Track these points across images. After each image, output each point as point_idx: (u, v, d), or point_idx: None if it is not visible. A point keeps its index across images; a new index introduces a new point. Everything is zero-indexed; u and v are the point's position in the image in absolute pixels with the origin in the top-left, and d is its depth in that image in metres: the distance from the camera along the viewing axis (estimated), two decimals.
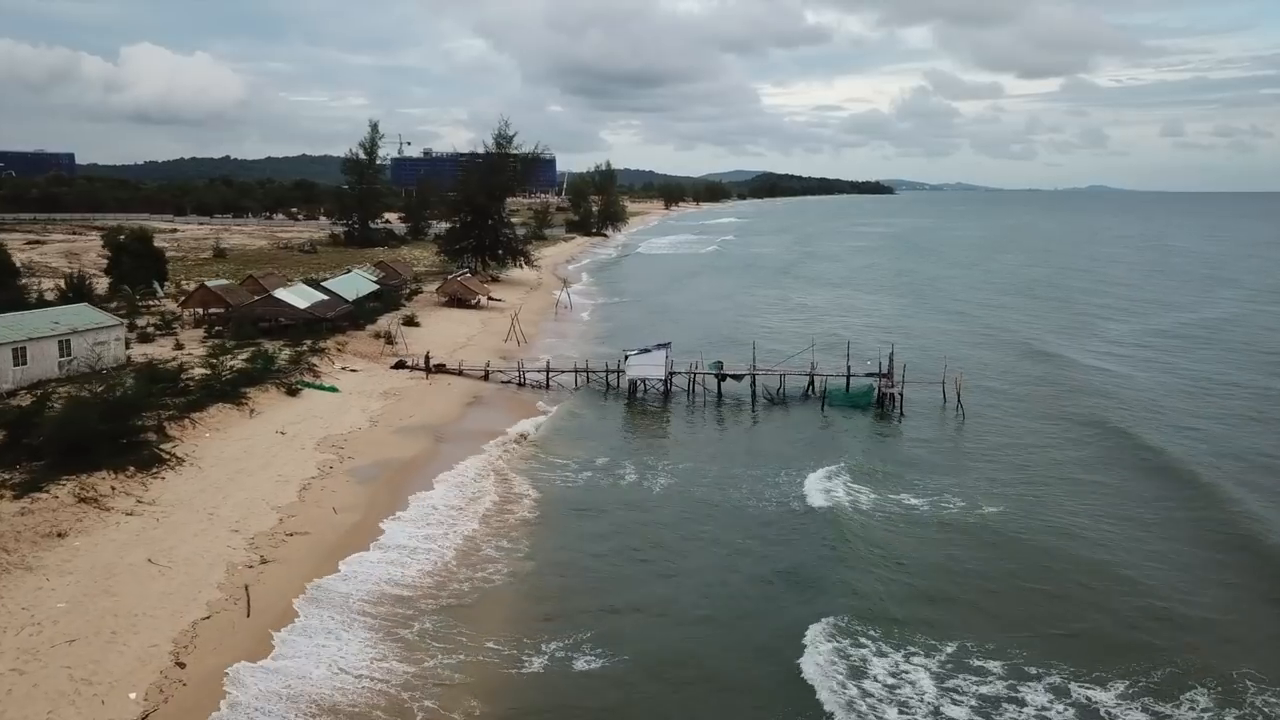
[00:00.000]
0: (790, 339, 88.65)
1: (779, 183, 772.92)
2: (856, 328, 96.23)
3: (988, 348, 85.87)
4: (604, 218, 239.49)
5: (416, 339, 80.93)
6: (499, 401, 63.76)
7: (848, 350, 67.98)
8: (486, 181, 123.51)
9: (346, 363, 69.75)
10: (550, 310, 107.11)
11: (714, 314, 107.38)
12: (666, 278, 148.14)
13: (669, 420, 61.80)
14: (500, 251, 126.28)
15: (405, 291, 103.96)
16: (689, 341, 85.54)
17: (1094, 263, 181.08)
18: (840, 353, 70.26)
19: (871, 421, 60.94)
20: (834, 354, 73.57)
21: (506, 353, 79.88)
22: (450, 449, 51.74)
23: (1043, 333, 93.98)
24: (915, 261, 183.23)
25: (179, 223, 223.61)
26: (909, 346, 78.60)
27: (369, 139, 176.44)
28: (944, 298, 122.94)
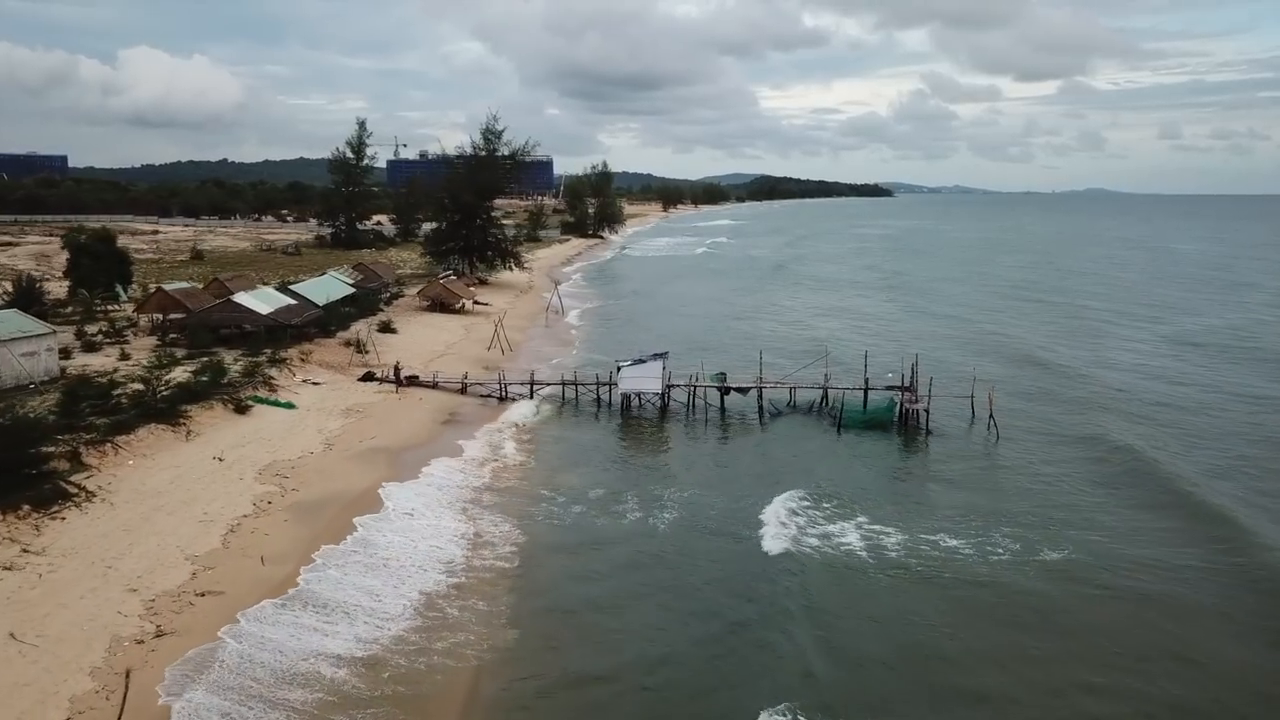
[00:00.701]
0: (792, 345, 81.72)
1: (777, 185, 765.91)
2: (858, 334, 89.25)
3: (999, 358, 78.60)
4: (601, 219, 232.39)
5: (392, 347, 73.86)
6: (476, 419, 56.57)
7: (865, 361, 60.77)
8: (474, 179, 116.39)
9: (309, 374, 62.60)
10: (540, 315, 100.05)
11: (712, 318, 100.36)
12: (662, 280, 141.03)
13: (668, 441, 54.63)
14: (489, 253, 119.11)
15: (385, 295, 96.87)
16: (687, 349, 78.58)
17: (1098, 265, 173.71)
18: (848, 363, 63.31)
19: (894, 444, 53.81)
20: (842, 363, 66.63)
21: (489, 362, 72.77)
22: (414, 478, 44.58)
23: (1052, 341, 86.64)
24: (915, 264, 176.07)
25: (164, 224, 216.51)
26: (912, 355, 71.61)
27: (356, 137, 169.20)
28: (947, 302, 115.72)
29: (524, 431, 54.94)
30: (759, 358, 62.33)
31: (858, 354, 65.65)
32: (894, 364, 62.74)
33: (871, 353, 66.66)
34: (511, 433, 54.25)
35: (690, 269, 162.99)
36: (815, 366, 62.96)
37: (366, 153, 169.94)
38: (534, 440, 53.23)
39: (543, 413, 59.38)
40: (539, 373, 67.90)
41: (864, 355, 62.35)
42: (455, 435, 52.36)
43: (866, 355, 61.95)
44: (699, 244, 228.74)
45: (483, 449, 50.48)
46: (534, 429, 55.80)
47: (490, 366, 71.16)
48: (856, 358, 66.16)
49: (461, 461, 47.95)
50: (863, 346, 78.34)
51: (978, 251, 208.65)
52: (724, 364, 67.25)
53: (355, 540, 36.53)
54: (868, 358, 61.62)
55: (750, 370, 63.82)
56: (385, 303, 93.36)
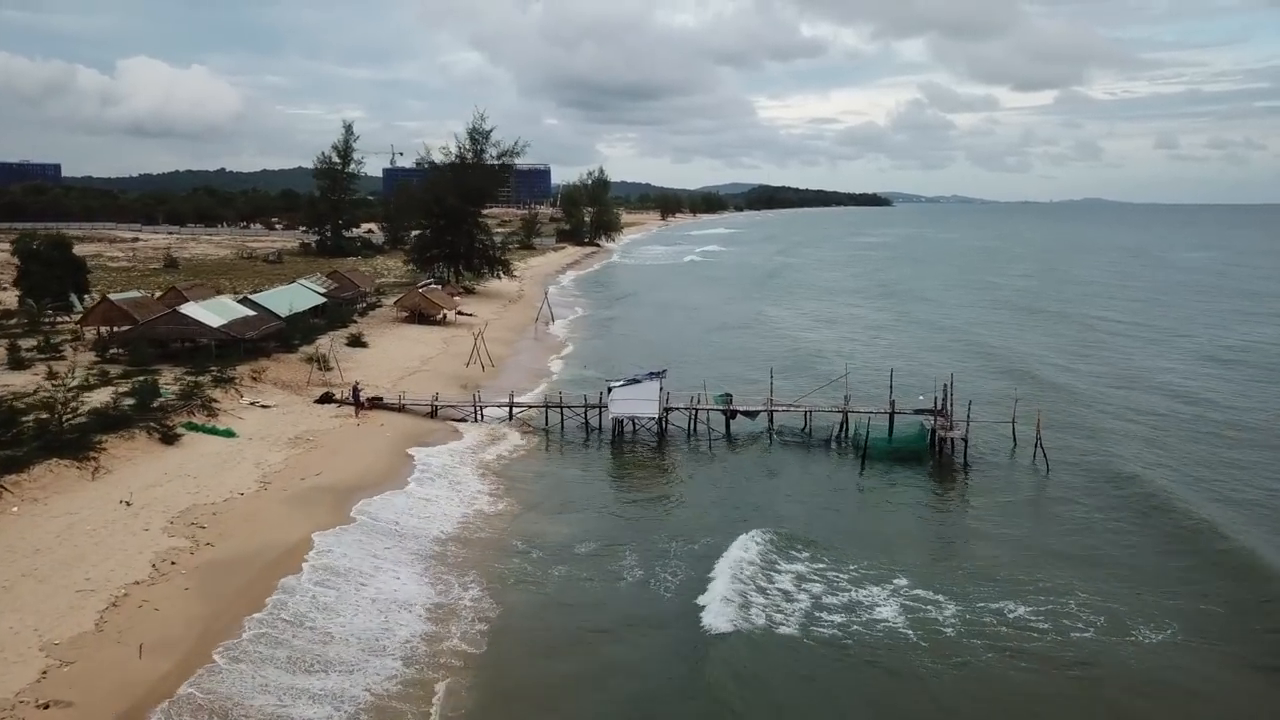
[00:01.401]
0: (799, 361, 74.03)
1: (776, 195, 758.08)
2: (863, 347, 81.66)
3: (1014, 377, 70.78)
4: (597, 227, 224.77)
5: (359, 364, 66.21)
6: (444, 449, 48.74)
7: (891, 381, 52.99)
8: (460, 182, 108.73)
9: (260, 395, 54.83)
10: (529, 326, 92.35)
11: (710, 329, 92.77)
12: (658, 289, 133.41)
13: (668, 476, 46.77)
14: (476, 261, 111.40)
15: (361, 306, 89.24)
16: (684, 363, 70.98)
17: (1104, 275, 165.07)
18: (862, 381, 55.68)
19: (928, 479, 46.03)
20: (857, 382, 59.02)
21: (468, 380, 65.06)
22: (362, 526, 36.83)
23: (1072, 359, 78.59)
24: (917, 273, 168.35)
25: (147, 232, 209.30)
26: (936, 371, 64.02)
27: (343, 141, 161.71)
28: (951, 315, 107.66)
29: (500, 464, 47.16)
30: (769, 377, 54.65)
31: (868, 371, 58.18)
32: (907, 382, 55.29)
33: (879, 368, 59.31)
34: (485, 466, 46.47)
35: (687, 277, 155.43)
36: (834, 387, 55.28)
37: (354, 157, 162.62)
38: (511, 476, 45.42)
39: (523, 440, 51.66)
40: (522, 392, 60.30)
41: (889, 374, 54.64)
42: (418, 470, 44.48)
43: (892, 375, 54.18)
44: (696, 252, 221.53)
45: (449, 488, 42.70)
46: (511, 461, 48.04)
47: (469, 385, 63.50)
48: (869, 375, 58.79)
49: (423, 503, 40.19)
50: (871, 362, 71.09)
51: (979, 260, 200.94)
52: (727, 380, 59.72)
53: (275, 617, 28.73)
54: (893, 377, 53.84)
55: (758, 390, 56.25)
56: (360, 313, 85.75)
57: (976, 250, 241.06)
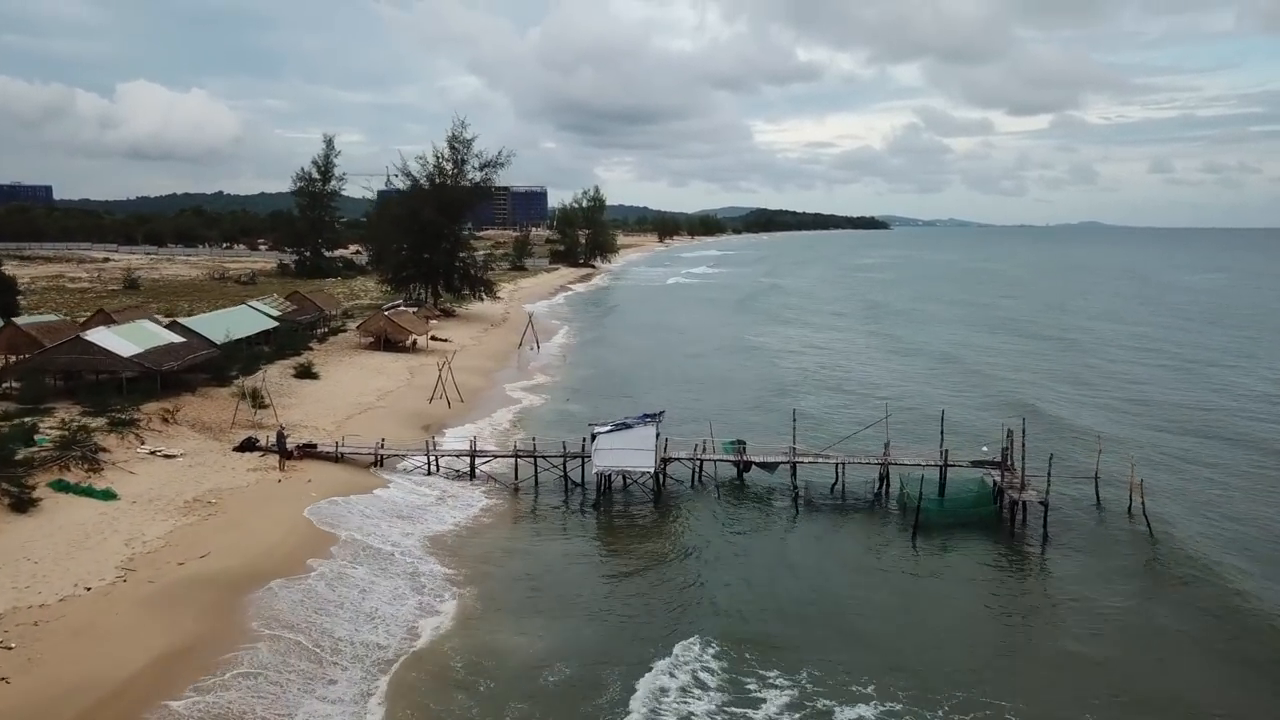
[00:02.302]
0: (820, 392, 63.88)
1: (774, 218, 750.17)
2: (877, 374, 71.42)
3: (1042, 421, 60.73)
4: (592, 248, 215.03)
5: (305, 398, 55.96)
6: (382, 515, 38.24)
7: (941, 425, 42.67)
8: (438, 194, 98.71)
9: (168, 441, 44.41)
10: (511, 353, 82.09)
11: (713, 356, 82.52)
12: (654, 311, 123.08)
13: (668, 552, 36.12)
14: (456, 281, 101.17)
15: (322, 330, 78.95)
16: (685, 396, 60.74)
17: (1115, 300, 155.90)
18: (894, 418, 45.44)
19: (1002, 556, 35.56)
20: (882, 415, 48.72)
21: (430, 419, 54.73)
22: (247, 647, 26.34)
23: (1125, 401, 68.80)
24: (926, 292, 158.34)
25: (123, 252, 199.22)
26: (1004, 411, 53.85)
27: (323, 156, 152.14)
28: (967, 344, 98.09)
29: (452, 537, 36.65)
30: (792, 419, 44.22)
31: (865, 403, 47.89)
32: (982, 427, 45.04)
33: (894, 406, 49.02)
34: (433, 541, 35.95)
35: (686, 299, 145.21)
36: (869, 430, 44.97)
37: (335, 174, 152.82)
38: (464, 554, 34.86)
39: (486, 500, 41.20)
40: (493, 432, 50.08)
41: (921, 413, 44.45)
42: (343, 548, 33.95)
43: (943, 416, 43.80)
44: (693, 273, 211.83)
45: (381, 576, 32.19)
46: (468, 531, 37.53)
47: (432, 425, 53.23)
48: (891, 409, 48.60)
49: (341, 604, 29.69)
50: (889, 392, 60.79)
51: (983, 285, 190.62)
52: (733, 423, 49.50)
53: None
54: (944, 420, 43.44)
55: (775, 433, 45.93)
56: (320, 339, 75.43)
57: (981, 274, 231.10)
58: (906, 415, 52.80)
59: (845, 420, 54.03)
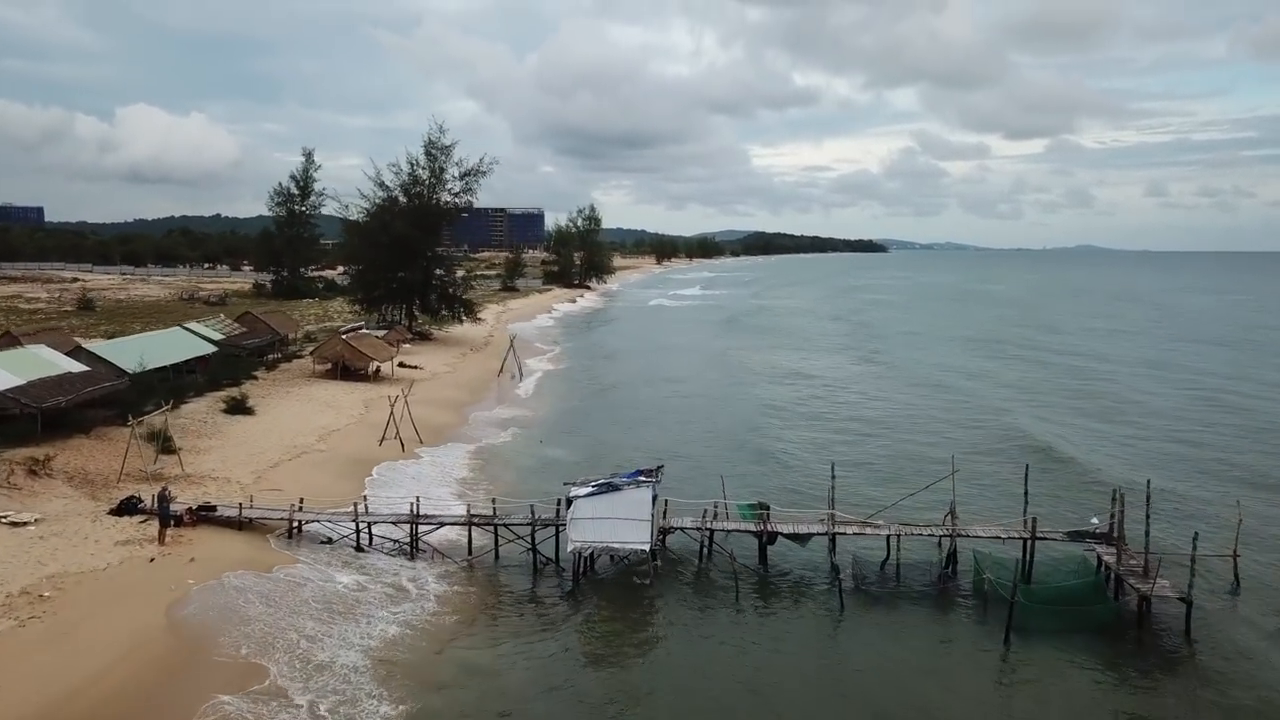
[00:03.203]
0: (825, 422, 53.99)
1: (772, 241, 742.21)
2: (880, 412, 61.48)
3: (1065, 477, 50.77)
4: (588, 268, 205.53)
5: (230, 438, 45.94)
6: (284, 612, 28.00)
7: (1025, 481, 32.65)
8: (414, 206, 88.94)
9: (27, 501, 34.32)
10: (490, 380, 72.05)
11: (716, 385, 72.53)
12: (651, 335, 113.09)
13: (675, 666, 25.93)
14: (434, 300, 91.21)
15: (274, 356, 68.95)
16: (688, 438, 50.75)
17: (1127, 323, 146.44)
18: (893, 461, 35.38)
19: (1128, 675, 25.30)
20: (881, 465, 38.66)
21: (377, 465, 44.65)
22: None
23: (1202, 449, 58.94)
24: (935, 317, 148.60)
25: (98, 272, 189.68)
26: (1107, 471, 43.99)
27: (302, 171, 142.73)
28: (981, 377, 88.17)
29: (382, 643, 26.38)
30: (829, 475, 34.05)
31: (953, 455, 38.03)
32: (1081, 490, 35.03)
33: (901, 449, 39.12)
34: (357, 654, 25.68)
35: (685, 322, 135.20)
36: (930, 489, 34.91)
37: (315, 189, 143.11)
38: (396, 686, 24.60)
39: (432, 583, 30.99)
40: (451, 488, 40.10)
41: (1024, 472, 34.35)
42: (212, 673, 23.76)
43: (1027, 472, 33.70)
44: (692, 295, 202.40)
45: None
46: (401, 633, 27.29)
47: (379, 472, 43.19)
48: (899, 454, 38.97)
49: None
50: (896, 432, 50.74)
51: (987, 309, 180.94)
52: (745, 457, 39.58)
53: None
54: (1028, 481, 33.33)
55: (804, 493, 35.92)
56: (269, 366, 65.40)
57: (983, 297, 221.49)
58: (926, 467, 42.79)
59: (863, 470, 44.13)
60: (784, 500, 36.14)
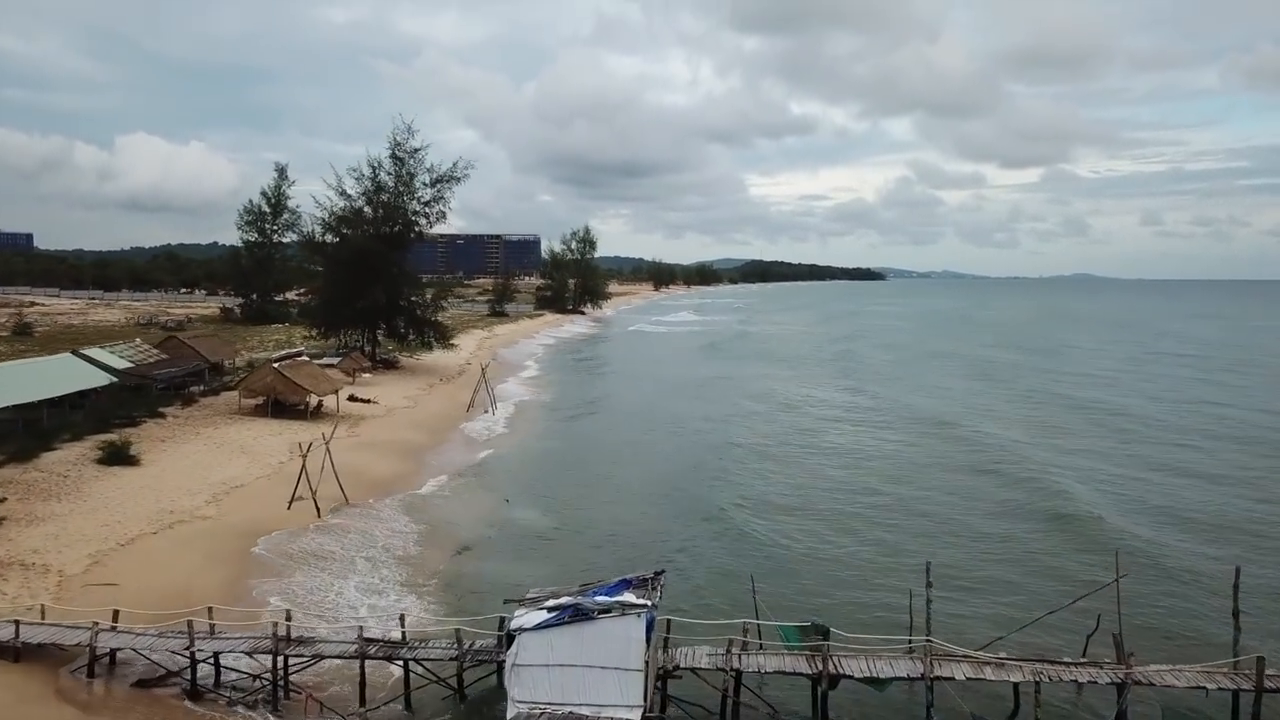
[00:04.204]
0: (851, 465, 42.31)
1: (770, 269, 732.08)
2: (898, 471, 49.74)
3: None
4: (582, 293, 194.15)
5: (88, 499, 34.27)
6: None
7: (1235, 594, 20.87)
8: (377, 216, 77.56)
9: None
10: (456, 418, 60.17)
11: (724, 426, 60.73)
12: (647, 365, 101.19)
13: None
14: (402, 324, 79.55)
15: (198, 388, 57.21)
16: (697, 493, 38.97)
17: (1145, 355, 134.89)
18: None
19: None
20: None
21: (278, 533, 32.84)
22: None
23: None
24: (933, 353, 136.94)
25: (65, 297, 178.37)
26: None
27: (273, 186, 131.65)
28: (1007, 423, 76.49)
29: None
30: (925, 579, 22.24)
31: (1117, 549, 26.37)
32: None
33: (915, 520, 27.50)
34: None
35: (684, 350, 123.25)
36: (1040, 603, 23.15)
37: (288, 205, 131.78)
38: None
39: None
40: (360, 581, 28.46)
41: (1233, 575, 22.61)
42: None
43: (1238, 581, 21.71)
44: (694, 320, 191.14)
45: None
46: None
47: (271, 559, 31.38)
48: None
49: None
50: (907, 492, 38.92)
51: (997, 339, 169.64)
52: (830, 591, 28.13)
53: None
54: (1238, 594, 21.52)
55: (857, 602, 24.22)
56: (186, 400, 53.64)
57: (995, 324, 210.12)
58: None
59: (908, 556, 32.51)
60: (841, 616, 24.38)
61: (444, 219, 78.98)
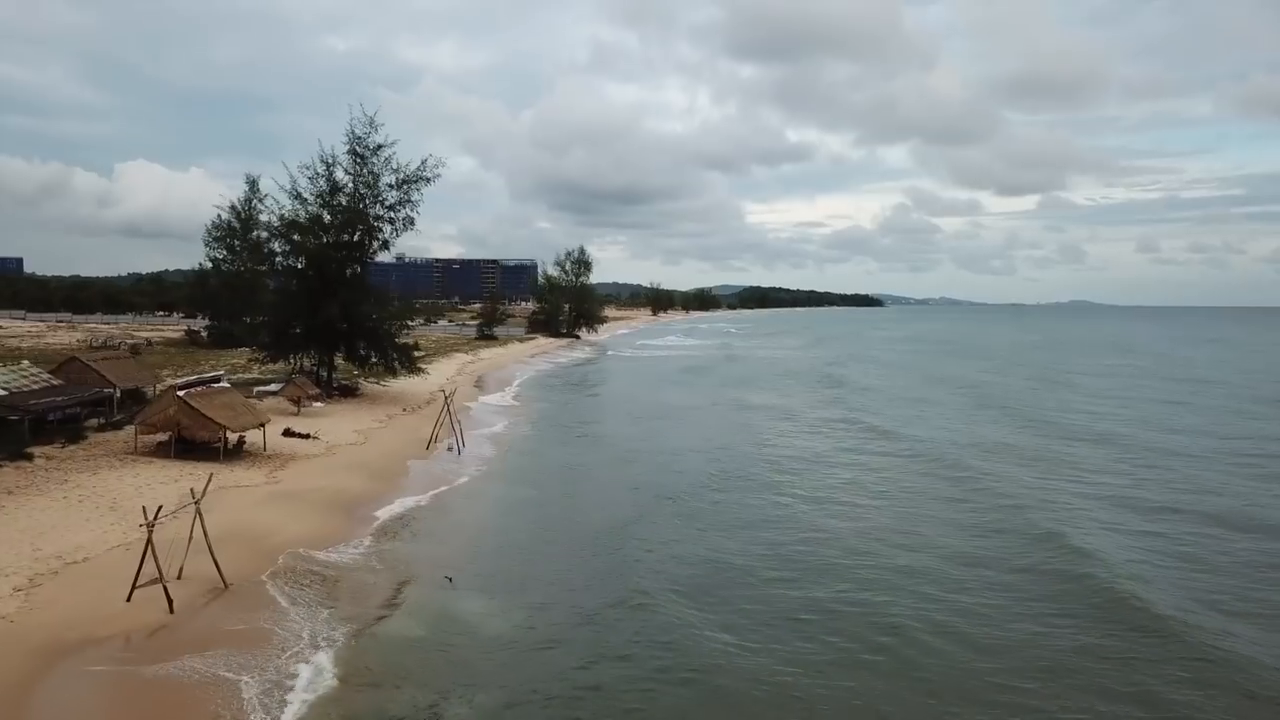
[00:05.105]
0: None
1: (769, 295, 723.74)
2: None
3: None
4: (577, 316, 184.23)
5: None
6: None
7: None
8: (336, 219, 67.49)
9: None
10: (412, 456, 49.64)
11: (726, 460, 50.18)
12: (643, 391, 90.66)
13: None
14: (361, 346, 69.14)
15: (98, 421, 46.70)
16: (684, 534, 28.23)
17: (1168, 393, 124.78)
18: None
19: None
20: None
21: (116, 639, 22.30)
22: None
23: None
24: (958, 368, 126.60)
25: (32, 319, 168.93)
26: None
27: (244, 200, 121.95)
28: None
29: None
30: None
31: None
32: None
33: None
34: None
35: (684, 377, 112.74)
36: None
37: (261, 219, 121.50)
38: None
39: None
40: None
41: None
42: None
43: None
44: (687, 344, 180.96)
45: None
46: None
47: (86, 674, 20.78)
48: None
49: None
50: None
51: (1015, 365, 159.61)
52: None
53: None
54: None
55: None
56: (71, 436, 43.12)
57: (1006, 351, 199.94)
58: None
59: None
60: None
61: (412, 225, 68.74)
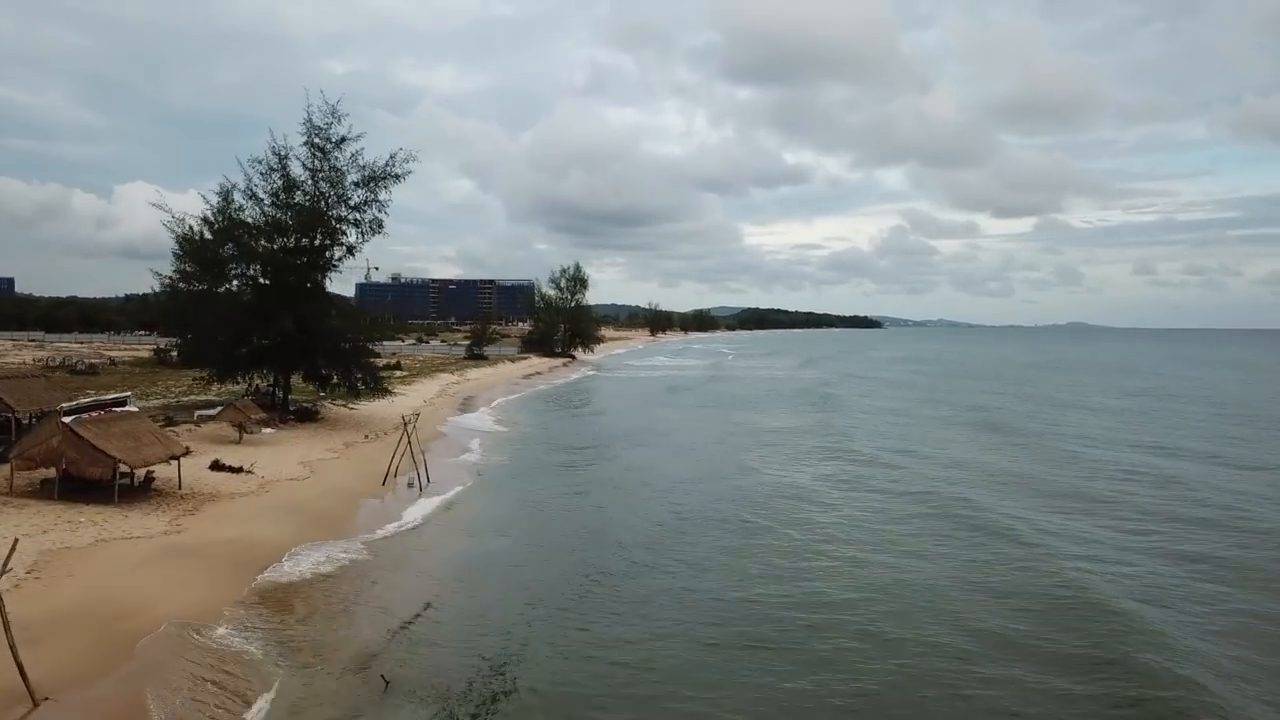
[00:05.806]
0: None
1: (768, 316, 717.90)
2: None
3: None
4: (572, 335, 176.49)
5: None
6: None
7: None
8: (295, 217, 60.12)
9: None
10: (364, 494, 41.49)
11: (694, 496, 41.97)
12: (634, 415, 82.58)
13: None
14: (323, 365, 61.26)
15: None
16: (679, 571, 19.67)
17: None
18: None
19: None
20: None
21: None
22: None
23: None
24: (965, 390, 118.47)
25: (2, 338, 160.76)
26: None
27: (216, 209, 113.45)
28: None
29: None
30: None
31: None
32: None
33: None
34: None
35: (684, 399, 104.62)
36: None
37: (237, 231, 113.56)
38: None
39: None
40: None
41: None
42: None
43: None
44: (681, 365, 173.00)
45: None
46: None
47: None
48: None
49: None
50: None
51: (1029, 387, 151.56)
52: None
53: None
54: None
55: None
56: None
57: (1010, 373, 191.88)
58: None
59: None
60: None
61: (380, 228, 61.03)
